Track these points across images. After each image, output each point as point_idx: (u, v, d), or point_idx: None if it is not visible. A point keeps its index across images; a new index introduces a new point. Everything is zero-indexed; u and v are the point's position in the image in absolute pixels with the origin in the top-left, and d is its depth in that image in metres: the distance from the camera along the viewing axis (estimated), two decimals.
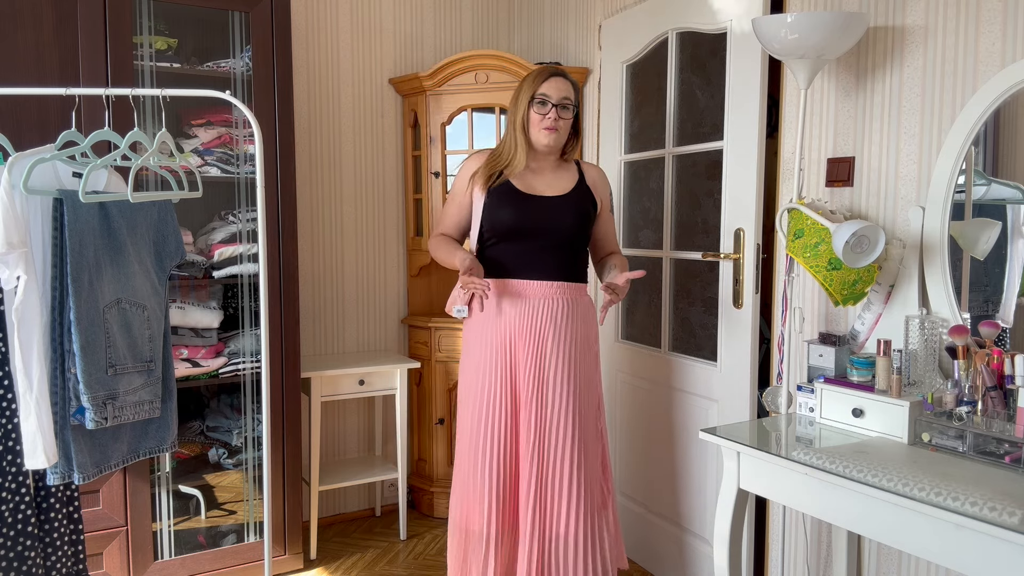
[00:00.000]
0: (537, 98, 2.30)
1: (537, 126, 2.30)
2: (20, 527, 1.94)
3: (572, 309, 2.33)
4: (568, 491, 2.29)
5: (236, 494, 3.00)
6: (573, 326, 2.32)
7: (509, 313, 2.31)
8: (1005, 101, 1.81)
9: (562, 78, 2.32)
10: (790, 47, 2.01)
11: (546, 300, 2.31)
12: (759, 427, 2.04)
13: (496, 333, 2.32)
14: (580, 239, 2.37)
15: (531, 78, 2.33)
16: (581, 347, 2.34)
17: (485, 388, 2.33)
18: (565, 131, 2.35)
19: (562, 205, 2.34)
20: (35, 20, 2.43)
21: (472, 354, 2.38)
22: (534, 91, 2.30)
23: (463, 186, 2.41)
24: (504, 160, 2.34)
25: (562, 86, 2.31)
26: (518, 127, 2.33)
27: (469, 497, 2.34)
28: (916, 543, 1.54)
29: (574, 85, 2.36)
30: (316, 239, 3.43)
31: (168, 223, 2.17)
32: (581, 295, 2.38)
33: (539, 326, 2.30)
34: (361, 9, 3.47)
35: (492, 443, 2.30)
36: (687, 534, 2.80)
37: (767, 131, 2.48)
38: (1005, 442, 1.62)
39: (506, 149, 2.35)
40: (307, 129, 3.37)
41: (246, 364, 2.84)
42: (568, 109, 2.32)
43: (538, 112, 2.30)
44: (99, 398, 1.96)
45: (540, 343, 2.29)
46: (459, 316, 2.40)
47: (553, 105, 2.29)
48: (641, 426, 3.01)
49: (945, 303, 1.94)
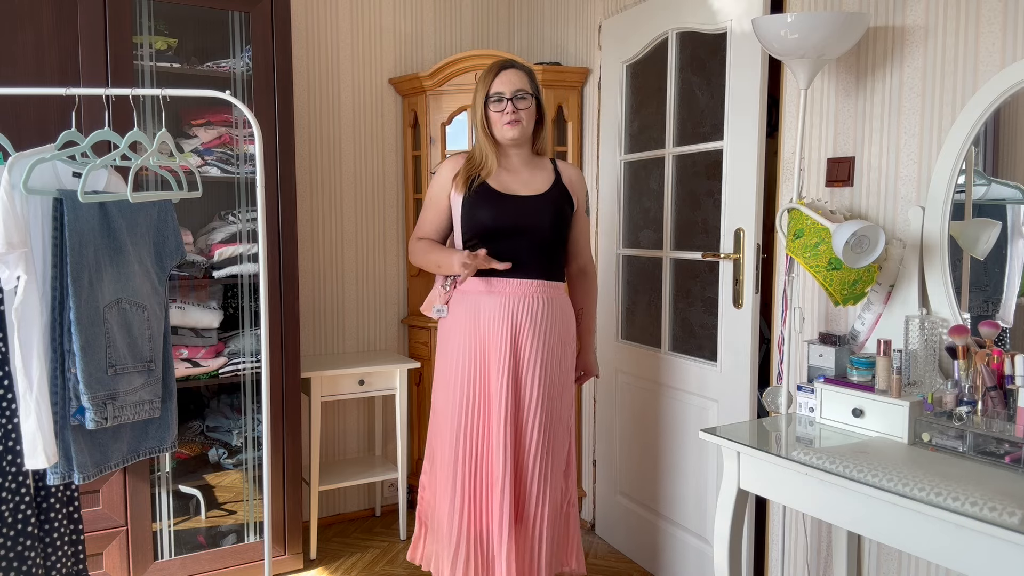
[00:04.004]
0: (491, 96, 2.29)
1: (498, 124, 2.29)
2: (20, 527, 1.94)
3: (550, 307, 2.32)
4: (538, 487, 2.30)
5: (236, 494, 3.00)
6: (551, 325, 2.32)
7: (487, 311, 2.31)
8: (1005, 101, 1.81)
9: (513, 70, 2.30)
10: (790, 47, 2.01)
11: (525, 298, 2.30)
12: (759, 427, 2.04)
13: (475, 330, 2.32)
14: (557, 238, 2.36)
15: (481, 78, 2.32)
16: (557, 347, 2.34)
17: (460, 384, 2.32)
18: (529, 120, 2.32)
19: (539, 204, 2.33)
20: (35, 20, 2.43)
21: (447, 352, 2.38)
22: (487, 90, 2.29)
23: (440, 190, 2.41)
24: (477, 164, 2.34)
25: (514, 78, 2.29)
26: (481, 129, 2.33)
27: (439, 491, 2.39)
28: (916, 543, 1.54)
29: (529, 74, 2.33)
30: (316, 239, 3.43)
31: (168, 223, 2.17)
32: (559, 294, 2.37)
33: (517, 324, 2.29)
34: (361, 9, 3.47)
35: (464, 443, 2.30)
36: (687, 534, 2.80)
37: (767, 131, 2.48)
38: (1005, 442, 1.62)
39: (477, 153, 2.36)
40: (307, 129, 3.37)
41: (246, 364, 2.84)
42: (525, 99, 2.29)
43: (495, 110, 2.29)
44: (99, 398, 1.96)
45: (517, 341, 2.29)
46: (438, 316, 2.41)
47: (508, 99, 2.27)
48: (641, 426, 3.01)
49: (945, 303, 1.94)
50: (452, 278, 2.39)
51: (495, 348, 2.29)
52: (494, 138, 2.33)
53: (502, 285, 2.31)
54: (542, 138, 2.42)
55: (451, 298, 2.39)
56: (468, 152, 2.44)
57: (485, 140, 2.33)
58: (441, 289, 2.42)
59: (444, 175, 2.41)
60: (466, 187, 2.33)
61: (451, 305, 2.39)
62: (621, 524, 3.16)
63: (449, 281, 2.40)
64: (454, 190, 2.37)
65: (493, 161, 2.33)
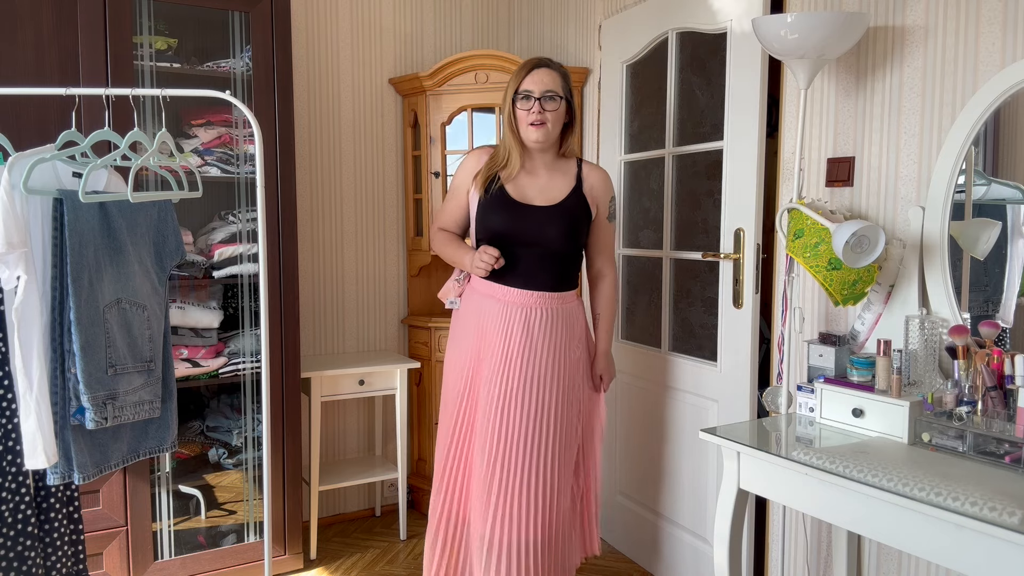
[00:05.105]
0: (520, 94, 2.24)
1: (523, 123, 2.25)
2: (20, 527, 1.94)
3: (550, 317, 2.30)
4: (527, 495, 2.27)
5: (236, 494, 3.00)
6: (549, 334, 2.30)
7: (488, 314, 2.32)
8: (1005, 101, 1.81)
9: (545, 68, 2.25)
10: (790, 47, 2.01)
11: (523, 308, 2.28)
12: (759, 427, 2.04)
13: (477, 330, 2.34)
14: (569, 250, 2.33)
15: (514, 74, 2.28)
16: (557, 354, 2.31)
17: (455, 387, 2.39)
18: (556, 124, 2.27)
19: (551, 216, 2.29)
20: (35, 20, 2.43)
21: (452, 351, 2.43)
22: (516, 87, 2.25)
23: (462, 183, 2.39)
24: (500, 162, 2.31)
25: (546, 78, 2.23)
26: (508, 126, 2.29)
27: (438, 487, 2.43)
28: (916, 543, 1.54)
29: (562, 74, 2.28)
30: (316, 239, 3.43)
31: (168, 223, 2.17)
32: (565, 303, 2.34)
33: (510, 332, 2.28)
34: (361, 9, 3.47)
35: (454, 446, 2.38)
36: (687, 534, 2.80)
37: (767, 131, 2.48)
38: (1005, 442, 1.62)
39: (502, 151, 2.32)
40: (307, 129, 3.37)
41: (246, 364, 2.84)
42: (555, 100, 2.24)
43: (522, 108, 2.24)
44: (99, 398, 1.96)
45: (507, 349, 2.28)
46: (451, 307, 2.45)
47: (536, 99, 2.22)
48: (641, 426, 3.01)
49: (945, 303, 1.94)
50: (466, 272, 2.41)
51: (487, 352, 2.32)
52: (520, 137, 2.28)
53: (503, 292, 2.30)
54: (570, 141, 2.37)
55: (464, 292, 2.42)
56: (494, 147, 2.39)
57: (511, 138, 2.28)
58: (455, 282, 2.44)
59: (467, 169, 2.38)
60: (484, 188, 2.30)
61: (463, 299, 2.42)
62: (621, 524, 3.16)
63: (463, 275, 2.42)
64: (473, 188, 2.35)
65: (516, 161, 2.29)
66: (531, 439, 2.28)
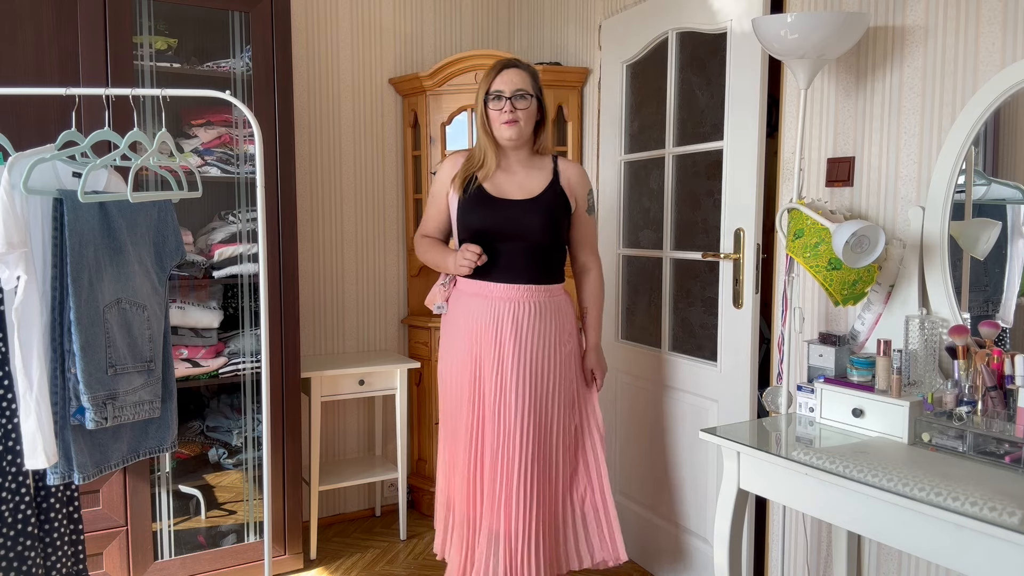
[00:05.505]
0: (491, 95, 2.30)
1: (496, 122, 2.31)
2: (20, 527, 1.94)
3: (538, 311, 2.32)
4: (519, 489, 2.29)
5: (236, 494, 3.00)
6: (539, 328, 2.32)
7: (477, 313, 2.34)
8: (1005, 101, 1.81)
9: (514, 69, 2.31)
10: (790, 47, 2.01)
11: (511, 303, 2.31)
12: (759, 427, 2.04)
13: (468, 331, 2.35)
14: (551, 242, 2.36)
15: (484, 76, 2.33)
16: (548, 348, 2.33)
17: (456, 387, 2.39)
18: (528, 122, 2.33)
19: (530, 209, 2.32)
20: (35, 20, 2.43)
21: (446, 357, 2.44)
22: (487, 88, 2.31)
23: (441, 188, 2.44)
24: (477, 163, 2.36)
25: (515, 77, 2.30)
26: (481, 128, 2.35)
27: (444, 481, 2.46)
28: (916, 543, 1.54)
29: (532, 74, 2.34)
30: (316, 239, 3.43)
31: (168, 223, 2.17)
32: (552, 296, 2.37)
33: (501, 328, 2.31)
34: (361, 9, 3.47)
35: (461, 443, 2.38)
36: (687, 534, 2.80)
37: (767, 131, 2.48)
38: (1005, 442, 1.62)
39: (477, 152, 2.37)
40: (307, 129, 3.37)
41: (246, 364, 2.84)
42: (525, 99, 2.30)
43: (494, 108, 2.30)
44: (99, 398, 1.96)
45: (500, 345, 2.30)
46: (438, 312, 2.47)
47: (507, 98, 2.28)
48: (641, 426, 3.01)
49: (945, 303, 1.94)
50: (451, 276, 2.42)
51: (485, 350, 2.33)
52: (494, 137, 2.34)
53: (490, 289, 2.33)
54: (542, 138, 2.42)
55: (450, 295, 2.43)
56: (469, 151, 2.45)
57: (485, 139, 2.34)
58: (440, 287, 2.46)
59: (444, 174, 2.43)
60: (462, 188, 2.35)
61: (451, 303, 2.44)
62: (621, 523, 3.16)
63: (448, 279, 2.44)
64: (452, 190, 2.39)
65: (492, 161, 2.34)
66: (527, 430, 2.29)
